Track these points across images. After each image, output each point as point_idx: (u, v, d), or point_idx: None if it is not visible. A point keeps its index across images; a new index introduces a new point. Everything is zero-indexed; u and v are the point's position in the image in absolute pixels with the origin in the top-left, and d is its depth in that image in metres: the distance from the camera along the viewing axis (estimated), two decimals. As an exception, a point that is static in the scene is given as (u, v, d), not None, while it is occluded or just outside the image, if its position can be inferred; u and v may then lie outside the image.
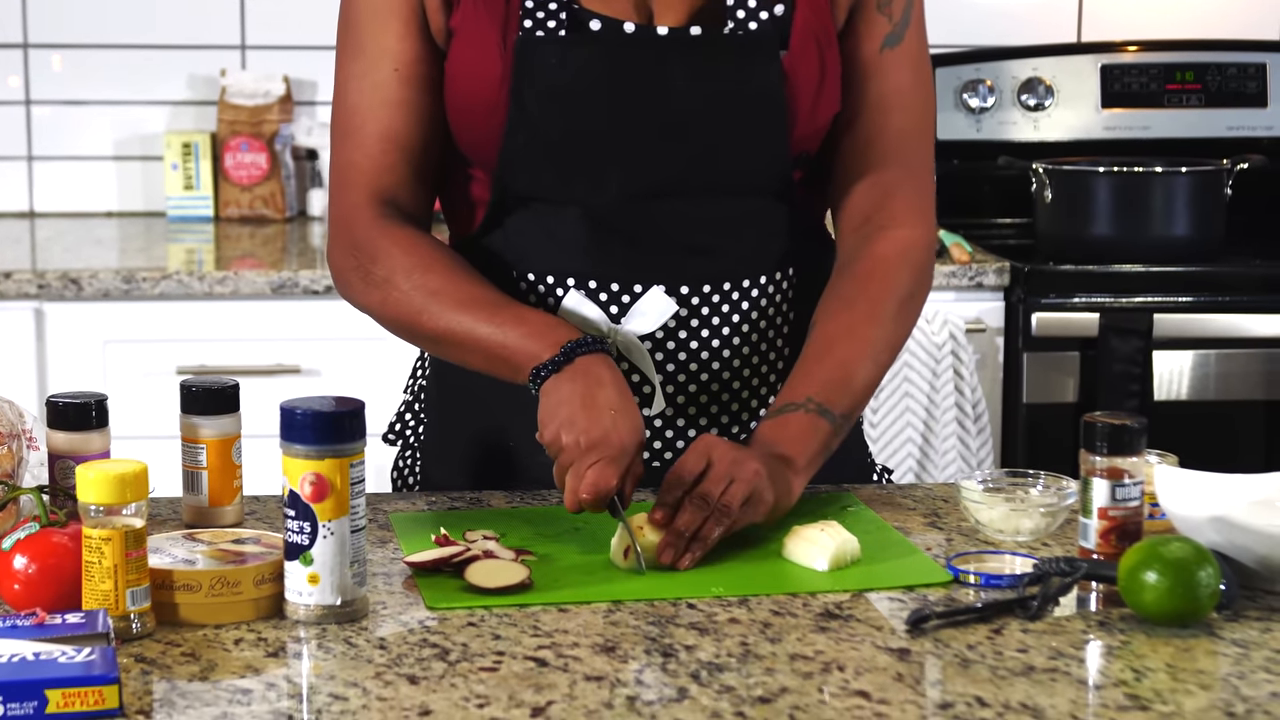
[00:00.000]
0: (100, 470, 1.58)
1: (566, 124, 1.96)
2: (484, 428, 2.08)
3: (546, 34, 1.95)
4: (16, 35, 4.01)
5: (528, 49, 1.94)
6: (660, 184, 1.98)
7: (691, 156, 1.98)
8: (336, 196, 2.03)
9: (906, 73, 2.05)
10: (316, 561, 1.62)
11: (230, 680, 1.50)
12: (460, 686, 1.49)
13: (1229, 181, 3.76)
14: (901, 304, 2.02)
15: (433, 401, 2.15)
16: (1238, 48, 4.20)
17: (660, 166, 1.97)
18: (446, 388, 2.12)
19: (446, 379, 2.11)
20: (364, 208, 2.00)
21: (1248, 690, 1.51)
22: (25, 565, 1.62)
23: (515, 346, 1.89)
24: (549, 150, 1.97)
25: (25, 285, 3.37)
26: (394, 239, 1.98)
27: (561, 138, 1.96)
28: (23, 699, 1.41)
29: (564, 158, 1.97)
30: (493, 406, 2.06)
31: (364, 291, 2.00)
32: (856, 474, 2.14)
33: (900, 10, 2.04)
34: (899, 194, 2.05)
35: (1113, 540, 1.76)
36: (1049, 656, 1.57)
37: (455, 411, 2.12)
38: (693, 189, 1.99)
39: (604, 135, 1.96)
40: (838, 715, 1.45)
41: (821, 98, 2.00)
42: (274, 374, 3.40)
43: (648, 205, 1.98)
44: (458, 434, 2.12)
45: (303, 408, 1.61)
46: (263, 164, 3.97)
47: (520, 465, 2.06)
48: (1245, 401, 3.66)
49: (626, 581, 1.75)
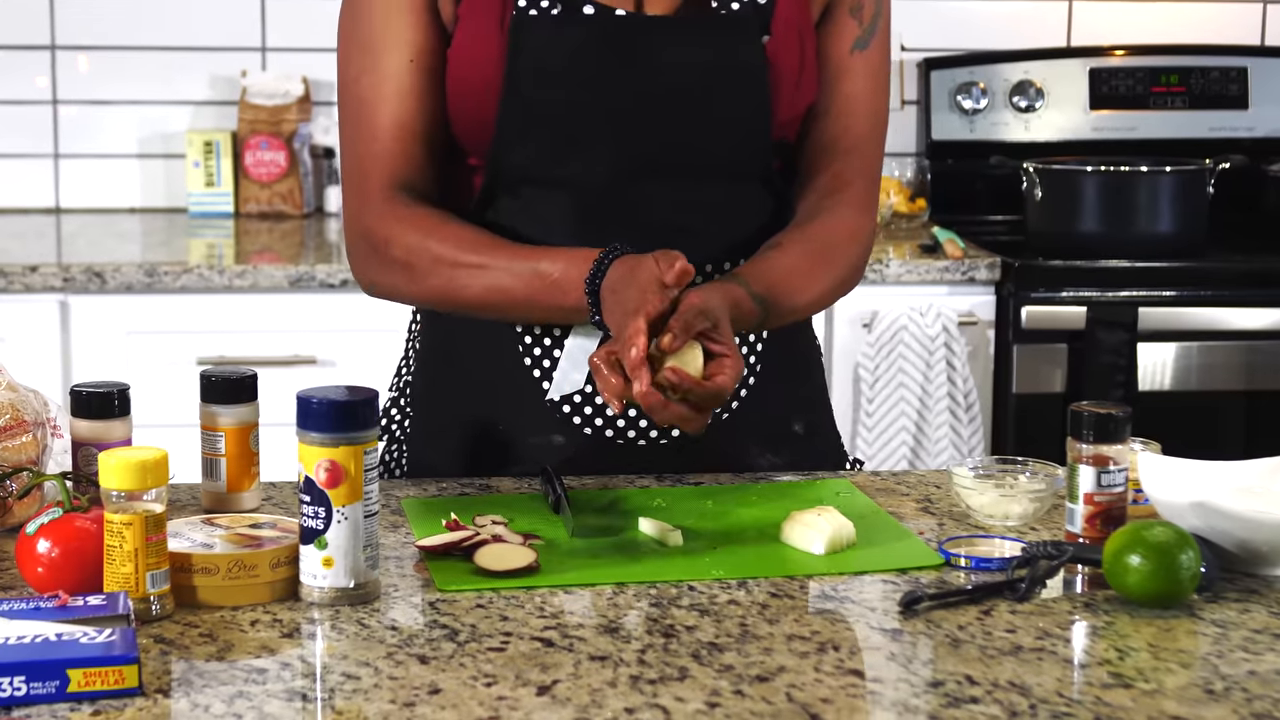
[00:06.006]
0: (122, 457, 1.58)
1: (558, 101, 1.96)
2: (474, 417, 2.07)
3: (540, 13, 1.95)
4: (44, 37, 4.01)
5: (522, 28, 1.95)
6: (648, 163, 1.98)
7: (679, 134, 1.98)
8: (350, 191, 2.03)
9: (871, 77, 2.08)
10: (331, 545, 1.61)
11: (247, 660, 1.50)
12: (469, 666, 1.49)
13: (1211, 180, 3.76)
14: (846, 275, 2.06)
15: (419, 394, 2.13)
16: (1220, 52, 4.20)
17: (648, 144, 1.98)
18: (434, 378, 2.11)
19: (434, 369, 2.10)
20: (375, 196, 2.00)
21: (1226, 669, 1.50)
22: (49, 549, 1.62)
23: (557, 275, 1.90)
24: (541, 128, 1.97)
25: (51, 278, 3.37)
26: (401, 218, 1.98)
27: (553, 115, 1.96)
28: (45, 678, 1.40)
29: (555, 136, 1.97)
30: (482, 394, 2.05)
31: (385, 274, 2.00)
32: (829, 462, 2.14)
33: (870, 16, 2.07)
34: (855, 186, 2.08)
35: (1098, 525, 1.76)
36: (1036, 636, 1.57)
37: (444, 401, 2.10)
38: (680, 169, 2.00)
39: (594, 112, 1.97)
40: (833, 694, 1.44)
41: (801, 85, 2.02)
42: (291, 364, 3.40)
43: (636, 187, 1.98)
44: (447, 423, 2.10)
45: (318, 397, 1.61)
46: (281, 162, 3.97)
47: (513, 450, 2.05)
48: (1226, 392, 3.66)
49: (630, 564, 1.74)
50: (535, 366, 2.02)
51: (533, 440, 2.01)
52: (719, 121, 2.00)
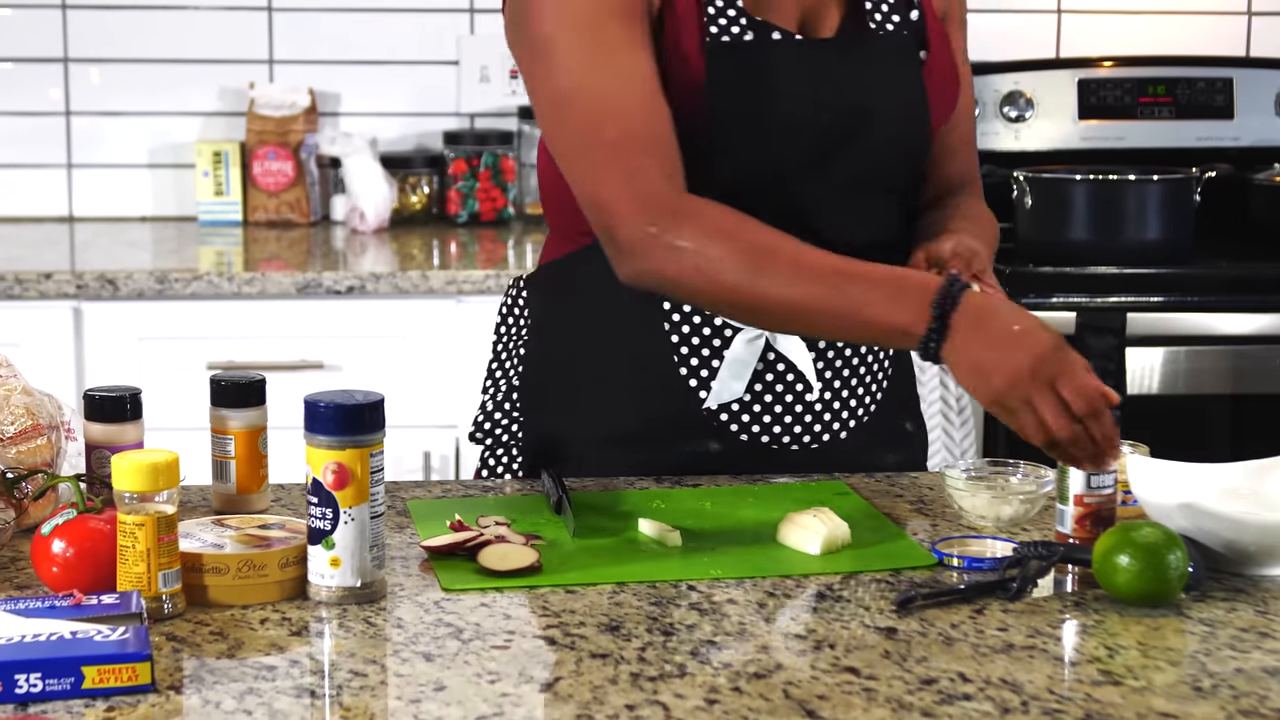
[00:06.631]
0: (134, 460, 1.58)
1: (753, 118, 1.94)
2: (612, 424, 2.06)
3: (732, 39, 1.95)
4: (58, 50, 4.01)
5: (719, 52, 1.94)
6: (827, 176, 1.98)
7: (861, 150, 2.00)
8: (614, 173, 1.90)
9: (969, 84, 2.15)
10: (338, 546, 1.61)
11: (256, 658, 1.50)
12: (473, 663, 1.49)
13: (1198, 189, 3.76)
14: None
15: (535, 399, 2.10)
16: (1206, 64, 4.20)
17: (834, 159, 1.99)
18: (559, 384, 2.09)
19: (555, 374, 2.09)
20: (655, 177, 1.89)
21: (1214, 666, 1.50)
22: (63, 549, 1.62)
23: (881, 320, 1.80)
24: (738, 142, 1.96)
25: (65, 285, 3.36)
26: (698, 208, 1.88)
27: (749, 130, 1.95)
28: (60, 675, 1.41)
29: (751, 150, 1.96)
30: (621, 401, 2.05)
31: (669, 261, 1.87)
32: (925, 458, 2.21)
33: (965, 26, 2.15)
34: (976, 181, 2.19)
35: (1088, 525, 1.76)
36: (1027, 635, 1.57)
37: (570, 406, 2.08)
38: (854, 183, 2.01)
39: (787, 129, 1.96)
40: (829, 690, 1.44)
41: (947, 95, 2.07)
42: (299, 369, 3.39)
43: (813, 199, 1.99)
44: (577, 430, 2.08)
45: (325, 401, 1.61)
46: (289, 171, 3.96)
47: (663, 456, 2.05)
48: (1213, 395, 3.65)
49: (630, 564, 1.74)
50: (692, 376, 2.03)
51: (685, 447, 2.02)
52: (892, 137, 2.02)
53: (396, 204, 3.98)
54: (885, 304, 1.80)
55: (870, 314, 1.81)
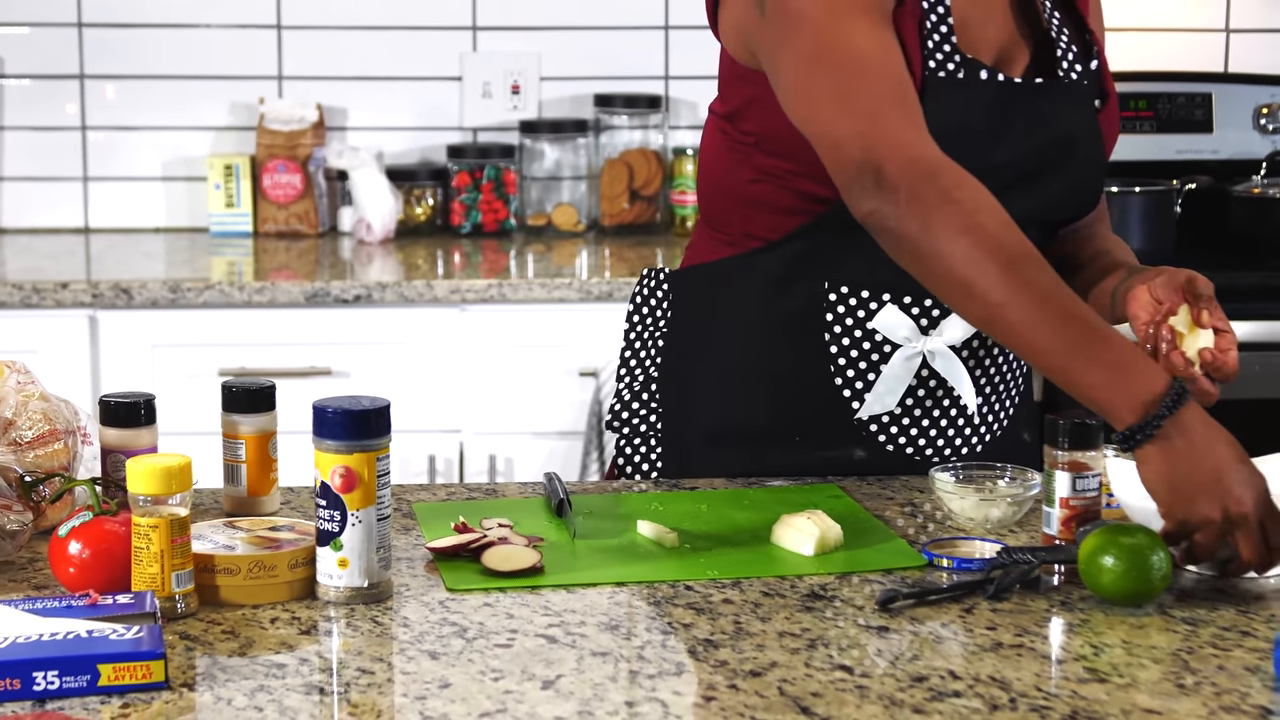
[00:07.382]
0: (148, 464, 1.58)
1: (965, 152, 1.85)
2: (761, 424, 2.06)
3: (947, 75, 1.95)
4: (74, 67, 4.01)
5: (933, 88, 1.94)
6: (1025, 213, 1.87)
7: (1056, 188, 2.02)
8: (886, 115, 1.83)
9: None
10: (346, 547, 1.61)
11: (267, 656, 1.50)
12: (477, 661, 1.49)
13: (1178, 200, 3.76)
14: None
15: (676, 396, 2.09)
16: (1186, 79, 4.20)
17: (1032, 196, 1.99)
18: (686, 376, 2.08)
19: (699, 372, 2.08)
20: (924, 130, 1.83)
21: (1196, 664, 1.50)
22: (79, 550, 1.62)
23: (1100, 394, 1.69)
24: None
25: (81, 295, 3.36)
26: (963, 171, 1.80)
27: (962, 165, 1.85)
28: (77, 672, 1.40)
29: None
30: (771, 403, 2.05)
31: (937, 207, 1.76)
32: None
33: None
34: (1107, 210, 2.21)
35: (1073, 527, 1.76)
36: (1015, 633, 1.57)
37: (716, 404, 2.07)
38: (1043, 219, 2.02)
39: (994, 164, 1.93)
40: (822, 688, 1.44)
41: (1111, 142, 2.08)
42: (307, 376, 3.39)
43: None
44: (728, 429, 2.07)
45: (333, 406, 1.61)
46: (298, 184, 3.96)
47: (807, 459, 2.05)
48: (1194, 401, 3.65)
49: (629, 565, 1.74)
50: (846, 387, 2.03)
51: (830, 453, 2.02)
52: (1082, 178, 2.04)
53: (402, 215, 3.98)
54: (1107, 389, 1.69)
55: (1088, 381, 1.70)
